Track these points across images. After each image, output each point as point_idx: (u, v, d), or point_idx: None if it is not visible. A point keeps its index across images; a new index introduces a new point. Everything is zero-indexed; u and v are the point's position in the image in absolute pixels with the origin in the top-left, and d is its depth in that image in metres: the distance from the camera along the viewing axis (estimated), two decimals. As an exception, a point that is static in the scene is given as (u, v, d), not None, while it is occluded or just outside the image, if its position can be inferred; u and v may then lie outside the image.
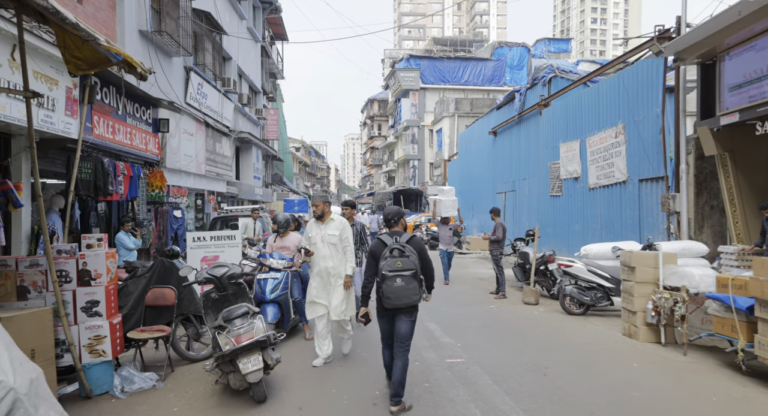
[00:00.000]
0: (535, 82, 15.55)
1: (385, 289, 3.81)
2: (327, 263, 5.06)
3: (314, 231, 5.15)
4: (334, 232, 5.08)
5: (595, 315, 7.22)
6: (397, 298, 3.80)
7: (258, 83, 22.84)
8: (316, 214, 5.13)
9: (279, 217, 6.06)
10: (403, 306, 3.85)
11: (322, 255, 5.06)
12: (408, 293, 3.81)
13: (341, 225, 5.15)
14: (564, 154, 13.19)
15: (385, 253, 3.91)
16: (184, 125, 12.01)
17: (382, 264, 3.88)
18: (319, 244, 5.08)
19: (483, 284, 10.48)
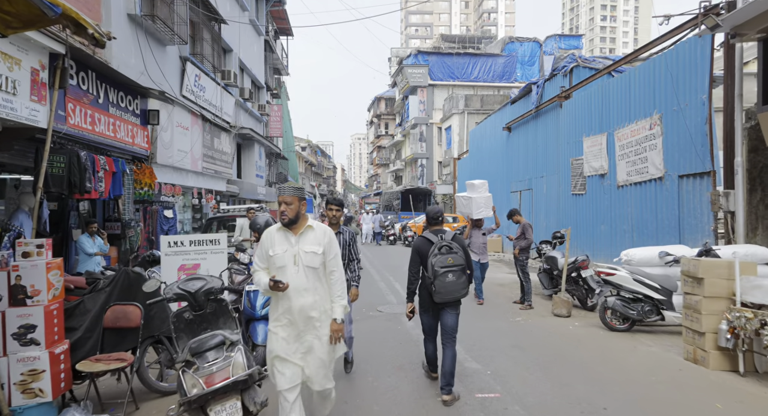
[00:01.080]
0: (555, 72, 14.53)
1: (438, 285, 4.03)
2: (303, 299, 3.10)
3: (280, 245, 3.14)
4: (314, 248, 3.14)
5: (642, 331, 6.23)
6: (449, 293, 4.05)
7: (261, 78, 21.97)
8: (284, 219, 3.12)
9: (258, 220, 5.13)
10: (452, 300, 4.13)
11: (296, 286, 3.09)
12: (458, 287, 4.09)
13: (325, 237, 3.21)
14: (588, 149, 12.18)
15: (433, 250, 4.12)
16: (178, 118, 11.13)
17: (432, 261, 4.08)
18: (290, 269, 3.10)
19: (503, 291, 9.50)
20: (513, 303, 8.24)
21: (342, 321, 3.17)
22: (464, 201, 9.32)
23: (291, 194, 3.12)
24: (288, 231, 3.18)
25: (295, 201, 3.13)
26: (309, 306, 3.11)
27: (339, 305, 3.20)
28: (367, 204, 48.91)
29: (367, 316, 7.32)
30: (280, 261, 3.12)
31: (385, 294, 9.22)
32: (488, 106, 30.99)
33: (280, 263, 3.12)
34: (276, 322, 3.17)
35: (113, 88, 8.22)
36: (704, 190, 8.17)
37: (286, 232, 3.17)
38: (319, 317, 3.15)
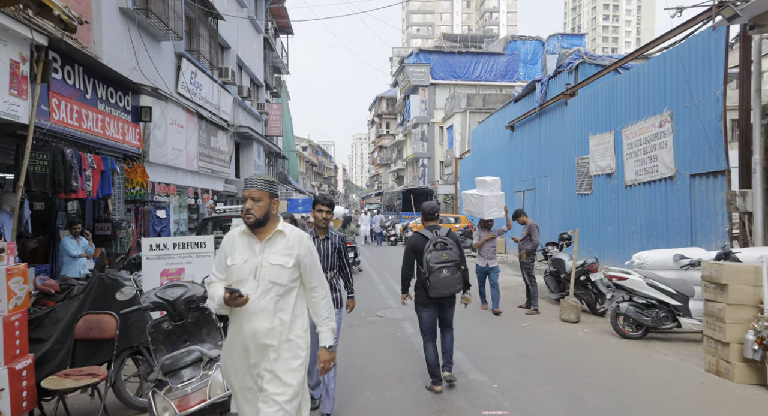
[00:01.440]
0: (560, 69, 14.18)
1: (433, 280, 4.10)
2: (257, 324, 2.41)
3: (240, 254, 2.51)
4: (281, 260, 2.48)
5: (656, 339, 5.88)
6: (444, 288, 4.13)
7: (260, 76, 21.66)
8: (248, 219, 2.46)
9: None
10: (447, 295, 4.23)
11: (251, 306, 2.41)
12: (453, 282, 4.16)
13: (299, 246, 2.53)
14: (594, 148, 11.83)
15: (428, 246, 4.16)
16: (172, 115, 10.81)
17: (427, 257, 4.12)
18: (249, 284, 2.44)
19: (508, 295, 9.16)
20: (518, 307, 7.90)
21: (332, 347, 2.56)
22: (473, 199, 8.52)
23: (259, 188, 2.46)
24: (253, 236, 2.51)
25: (265, 197, 2.46)
26: (264, 334, 2.39)
27: (327, 329, 2.55)
28: (368, 204, 48.61)
29: (366, 321, 7.00)
30: (238, 274, 2.46)
31: (384, 298, 8.89)
32: (490, 105, 30.64)
33: (238, 276, 2.45)
34: (229, 353, 2.49)
35: (102, 84, 7.90)
36: (718, 189, 7.82)
37: (251, 237, 2.51)
38: (277, 347, 2.41)
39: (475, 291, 8.98)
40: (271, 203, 2.50)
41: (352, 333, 6.27)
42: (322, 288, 2.59)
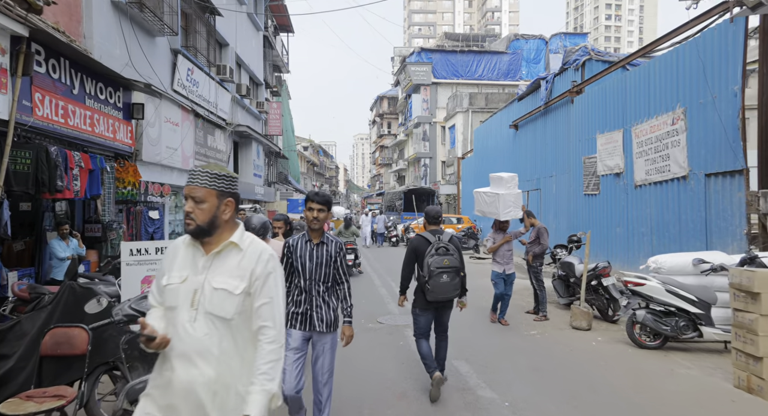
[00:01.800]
0: (565, 66, 13.83)
1: (432, 284, 4.13)
2: (195, 371, 1.77)
3: (180, 269, 1.89)
4: (228, 283, 1.83)
5: (675, 349, 5.52)
6: (443, 293, 4.17)
7: (260, 75, 21.33)
8: (188, 225, 1.86)
9: (253, 221, 4.46)
10: (445, 300, 4.26)
11: (184, 348, 1.78)
12: (452, 288, 4.20)
13: (256, 264, 1.87)
14: (602, 147, 11.47)
15: (430, 251, 4.20)
16: (167, 113, 10.47)
17: (429, 260, 4.16)
18: (183, 313, 1.81)
19: (514, 299, 8.78)
20: (526, 313, 7.54)
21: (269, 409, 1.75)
22: (487, 198, 7.68)
23: (203, 184, 1.82)
24: (199, 247, 1.88)
25: (211, 196, 1.82)
26: (203, 385, 1.73)
27: (259, 392, 1.73)
28: (369, 204, 48.26)
29: (366, 328, 6.64)
30: (172, 298, 1.83)
31: (386, 303, 8.54)
32: (493, 104, 30.29)
33: (172, 301, 1.83)
34: (151, 392, 1.85)
35: (91, 79, 7.56)
36: (735, 189, 7.46)
37: (196, 249, 1.88)
38: (222, 405, 1.75)
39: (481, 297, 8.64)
40: (222, 205, 1.84)
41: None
42: (274, 329, 1.82)
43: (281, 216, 5.34)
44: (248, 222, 4.54)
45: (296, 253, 3.28)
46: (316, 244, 3.28)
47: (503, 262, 7.04)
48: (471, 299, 8.68)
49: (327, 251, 3.30)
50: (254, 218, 4.60)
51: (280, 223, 5.26)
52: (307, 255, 3.25)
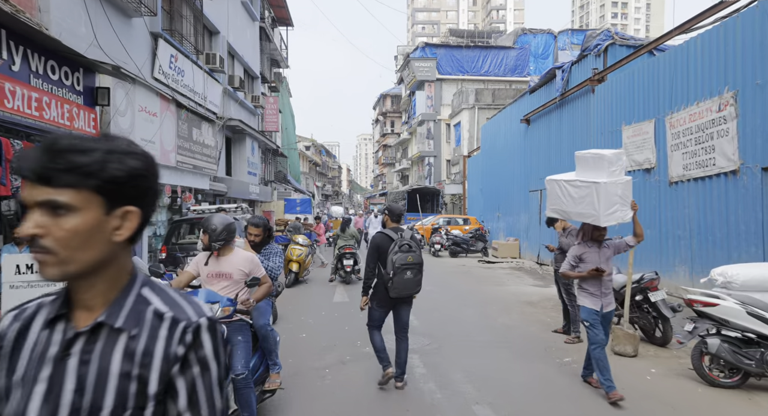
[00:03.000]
0: (585, 53, 12.63)
1: (396, 281, 4.21)
2: None
3: None
4: None
5: (758, 388, 4.33)
6: (405, 289, 4.27)
7: (256, 68, 20.22)
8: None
9: (213, 221, 3.35)
10: (406, 296, 4.37)
11: None
12: (414, 284, 4.33)
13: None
14: (629, 140, 10.28)
15: (393, 248, 4.28)
16: (142, 100, 9.35)
17: (393, 257, 4.23)
18: None
19: (536, 313, 7.63)
20: (553, 332, 6.35)
21: None
22: (574, 191, 4.87)
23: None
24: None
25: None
26: None
27: None
28: (373, 204, 47.13)
29: (362, 355, 5.48)
30: None
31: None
32: (500, 100, 29.11)
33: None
34: None
35: (39, 56, 6.44)
36: (802, 185, 6.27)
37: None
38: None
39: (497, 311, 7.42)
40: None
41: (343, 374, 4.78)
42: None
43: (260, 221, 4.17)
44: (207, 223, 3.41)
45: None
46: None
47: (599, 293, 4.41)
48: (486, 315, 7.61)
49: None
50: (214, 218, 3.46)
51: (257, 230, 4.10)
52: None
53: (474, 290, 9.91)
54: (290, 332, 6.44)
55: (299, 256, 10.63)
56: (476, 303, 8.31)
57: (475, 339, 5.96)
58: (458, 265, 14.84)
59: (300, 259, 10.63)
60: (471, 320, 7.05)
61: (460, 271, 13.39)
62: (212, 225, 3.37)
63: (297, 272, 10.54)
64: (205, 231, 3.39)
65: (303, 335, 6.34)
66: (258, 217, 4.17)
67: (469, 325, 6.69)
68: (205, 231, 3.39)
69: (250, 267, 3.42)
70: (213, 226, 3.36)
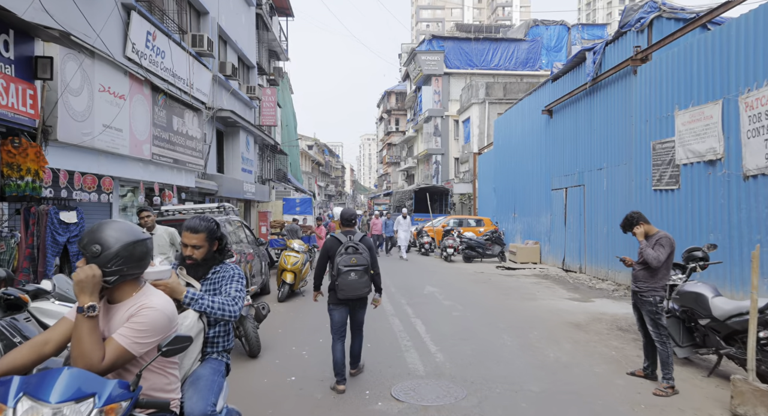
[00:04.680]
0: (624, 30, 11.01)
1: (341, 282, 4.35)
2: None
3: None
4: None
5: None
6: (351, 290, 4.36)
7: (252, 57, 18.68)
8: None
9: (103, 233, 1.78)
10: (355, 298, 4.44)
11: None
12: (360, 285, 4.39)
13: None
14: (685, 127, 8.66)
15: (340, 250, 4.44)
16: (104, 78, 7.77)
17: (338, 260, 4.39)
18: None
19: (590, 341, 5.99)
20: (630, 375, 4.71)
21: None
22: None
23: None
24: None
25: None
26: None
27: None
28: (377, 205, 45.53)
29: (371, 413, 3.88)
30: None
31: (404, 353, 5.57)
32: (512, 94, 27.49)
33: None
34: None
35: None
36: None
37: None
38: None
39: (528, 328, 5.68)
40: None
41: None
42: None
43: (200, 224, 2.56)
44: (87, 239, 1.80)
45: None
46: None
47: None
48: (529, 345, 5.86)
49: None
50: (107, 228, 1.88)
51: (196, 238, 2.50)
52: None
53: (503, 306, 8.30)
54: (275, 374, 4.86)
55: (295, 265, 9.04)
56: (512, 326, 6.69)
57: (526, 388, 4.33)
58: (476, 272, 13.22)
59: (296, 268, 9.04)
60: (512, 354, 5.43)
61: (480, 280, 11.77)
62: (96, 242, 1.80)
63: (292, 284, 8.96)
64: (82, 251, 1.80)
65: (292, 378, 4.74)
66: (200, 218, 2.55)
67: (513, 363, 5.07)
68: (82, 251, 1.81)
69: (160, 326, 1.84)
70: (95, 246, 1.78)
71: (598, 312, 7.71)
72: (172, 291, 2.20)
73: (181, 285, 2.28)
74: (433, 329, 6.52)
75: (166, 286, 2.19)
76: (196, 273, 2.50)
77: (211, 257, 2.54)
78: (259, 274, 9.14)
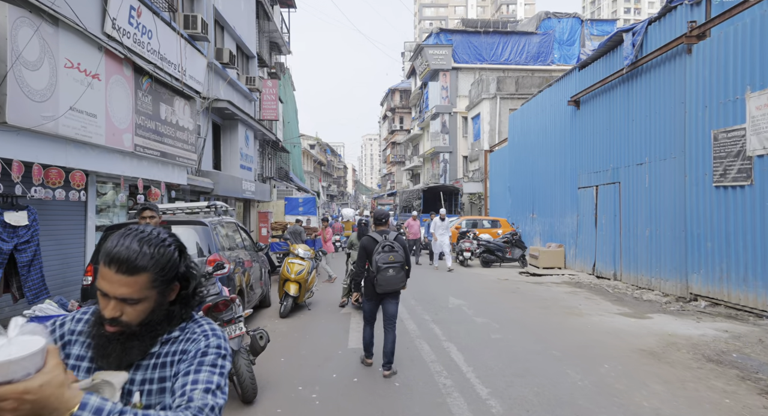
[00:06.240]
0: (673, 4, 9.66)
1: (380, 278, 4.69)
2: None
3: None
4: None
5: None
6: (389, 285, 4.73)
7: (252, 46, 17.41)
8: None
9: None
10: (391, 291, 4.82)
11: None
12: (397, 280, 4.77)
13: None
14: (760, 111, 7.34)
15: (377, 248, 4.76)
16: (72, 52, 6.48)
17: (376, 257, 4.72)
18: None
19: (689, 379, 4.66)
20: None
21: None
22: None
23: None
24: None
25: None
26: None
27: None
28: (381, 204, 44.24)
29: None
30: None
31: (444, 395, 4.15)
32: (525, 89, 26.19)
33: None
34: None
35: None
36: None
37: None
38: None
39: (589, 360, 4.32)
40: None
41: None
42: None
43: (141, 259, 1.22)
44: None
45: None
46: None
47: None
48: (606, 384, 4.18)
49: None
50: None
51: (126, 285, 1.18)
52: None
53: (547, 324, 6.97)
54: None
55: (299, 274, 7.73)
56: (571, 355, 5.37)
57: None
58: (499, 280, 11.90)
59: (300, 278, 7.73)
60: (590, 400, 4.09)
61: (507, 289, 10.44)
62: None
63: (296, 296, 7.65)
64: None
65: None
66: (141, 238, 1.17)
67: None
68: None
69: None
70: None
71: (665, 333, 6.39)
72: (39, 408, 0.89)
73: (64, 389, 0.96)
74: (473, 359, 5.21)
75: (21, 397, 0.88)
76: (125, 354, 1.20)
77: (162, 318, 1.23)
78: (258, 284, 7.84)
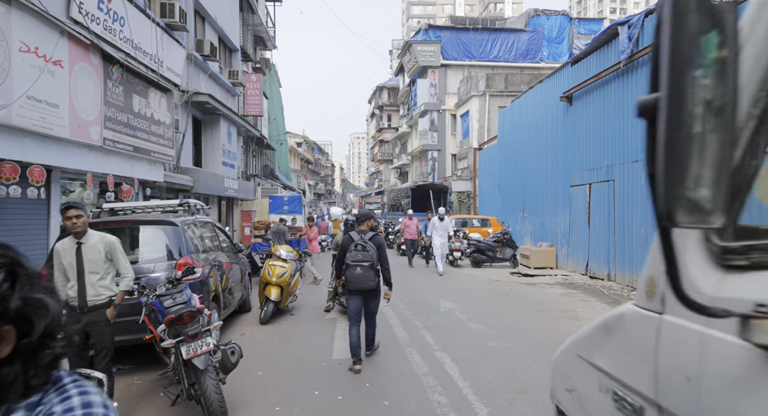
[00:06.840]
0: (671, -4, 9.30)
1: (348, 275, 4.96)
2: None
3: None
4: None
5: None
6: (358, 282, 4.91)
7: (235, 39, 16.81)
8: None
9: None
10: (362, 289, 4.97)
11: None
12: (365, 279, 4.91)
13: None
14: (765, 106, 6.98)
15: (351, 247, 5.01)
16: (27, 35, 5.91)
17: (347, 255, 4.98)
18: None
19: None
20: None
21: None
22: None
23: None
24: None
25: None
26: None
27: None
28: (368, 204, 43.78)
29: None
30: None
31: None
32: (514, 86, 25.90)
33: None
34: None
35: None
36: None
37: None
38: None
39: None
40: None
41: None
42: None
43: None
44: None
45: None
46: None
47: None
48: None
49: None
50: None
51: None
52: None
53: (545, 330, 6.57)
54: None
55: (281, 277, 7.24)
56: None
57: None
58: (490, 280, 11.51)
59: (282, 281, 7.24)
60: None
61: (500, 291, 10.05)
62: None
63: (277, 301, 7.15)
64: None
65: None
66: None
67: None
68: None
69: None
70: None
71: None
72: None
73: None
74: (470, 372, 4.78)
75: None
76: None
77: None
78: (239, 287, 7.32)
